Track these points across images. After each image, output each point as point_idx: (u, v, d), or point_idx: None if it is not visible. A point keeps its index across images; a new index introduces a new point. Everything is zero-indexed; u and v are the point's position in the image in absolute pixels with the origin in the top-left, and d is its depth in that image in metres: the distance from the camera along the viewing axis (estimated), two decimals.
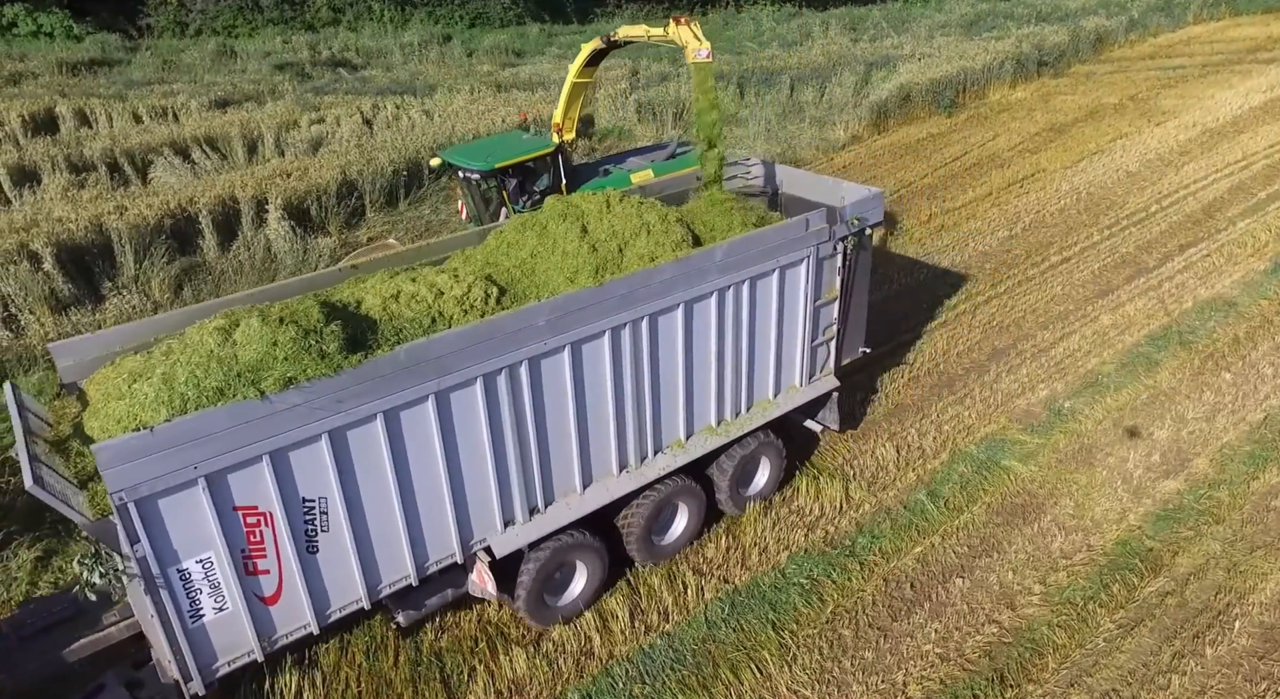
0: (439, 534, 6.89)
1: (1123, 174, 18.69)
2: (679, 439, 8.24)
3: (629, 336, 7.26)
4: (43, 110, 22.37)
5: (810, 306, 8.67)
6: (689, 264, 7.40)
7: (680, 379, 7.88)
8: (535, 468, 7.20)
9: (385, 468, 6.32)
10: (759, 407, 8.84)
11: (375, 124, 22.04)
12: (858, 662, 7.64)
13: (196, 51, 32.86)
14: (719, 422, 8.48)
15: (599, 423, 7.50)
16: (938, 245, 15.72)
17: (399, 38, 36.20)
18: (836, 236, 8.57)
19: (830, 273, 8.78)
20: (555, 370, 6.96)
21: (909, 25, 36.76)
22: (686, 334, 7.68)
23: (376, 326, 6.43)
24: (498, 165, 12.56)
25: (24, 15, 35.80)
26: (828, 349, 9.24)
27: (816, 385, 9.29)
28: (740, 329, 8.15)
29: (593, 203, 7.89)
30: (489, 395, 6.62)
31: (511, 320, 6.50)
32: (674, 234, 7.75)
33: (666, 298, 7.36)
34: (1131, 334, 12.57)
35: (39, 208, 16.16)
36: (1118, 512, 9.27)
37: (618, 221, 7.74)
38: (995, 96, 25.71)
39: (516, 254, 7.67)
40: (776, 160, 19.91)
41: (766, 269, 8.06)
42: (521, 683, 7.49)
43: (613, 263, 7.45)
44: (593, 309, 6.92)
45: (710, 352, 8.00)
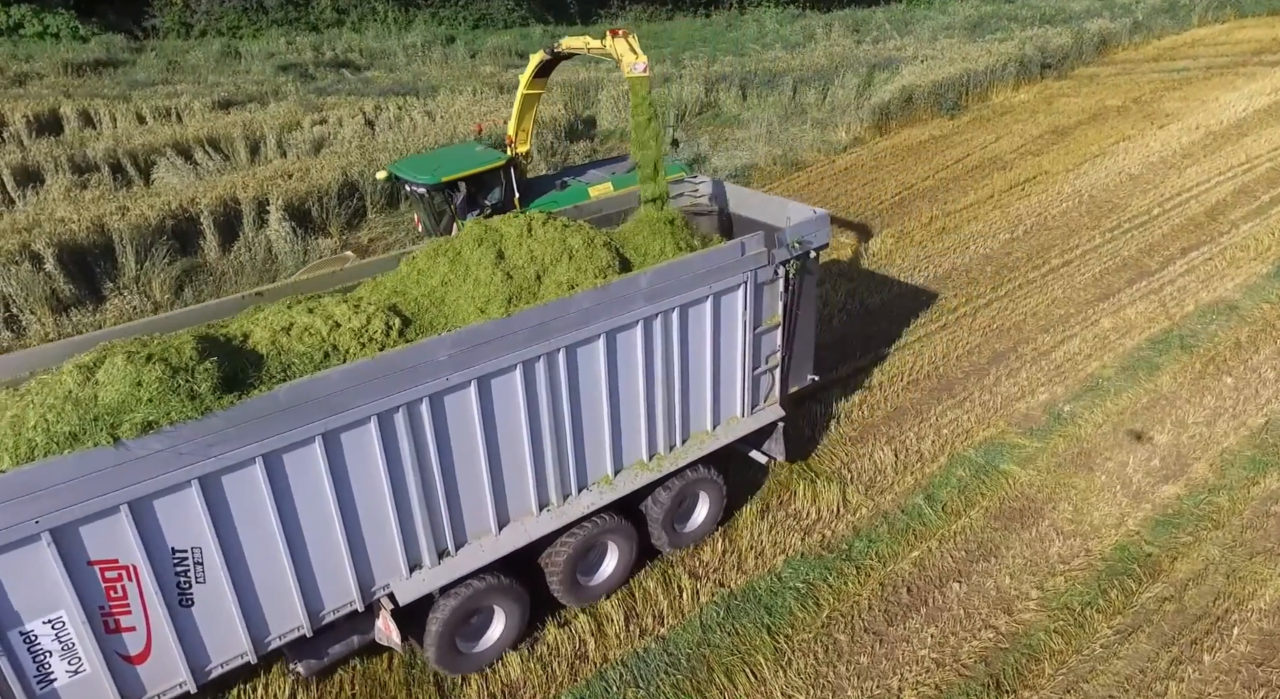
0: (335, 581, 6.44)
1: (1125, 177, 18.62)
2: (606, 475, 7.78)
3: (544, 370, 6.85)
4: (47, 111, 22.46)
5: (750, 334, 8.22)
6: (609, 293, 6.98)
7: (605, 412, 7.44)
8: (443, 509, 6.77)
9: (269, 514, 5.90)
10: (696, 439, 8.36)
11: (377, 125, 22.07)
12: (853, 666, 7.61)
13: (201, 52, 32.96)
14: (651, 456, 8.02)
15: (514, 460, 7.06)
16: (938, 247, 15.68)
17: (402, 39, 36.27)
18: (776, 261, 8.11)
19: (771, 298, 8.34)
20: (461, 407, 6.53)
21: (912, 27, 36.72)
22: (610, 366, 7.26)
23: (262, 363, 6.07)
24: (445, 179, 12.22)
25: (31, 16, 35.96)
26: (772, 378, 8.78)
27: (760, 416, 8.80)
28: (671, 359, 7.70)
29: (513, 226, 7.50)
30: (385, 435, 6.20)
31: (406, 356, 6.10)
32: (599, 259, 7.38)
33: (586, 328, 6.93)
34: (1132, 338, 12.52)
35: (41, 208, 16.22)
36: (1116, 517, 9.22)
37: (538, 247, 7.36)
38: (998, 99, 25.66)
39: (426, 282, 7.27)
40: (779, 161, 19.96)
41: (699, 296, 7.61)
42: (515, 687, 7.48)
43: (528, 292, 7.08)
44: (500, 342, 6.51)
45: (638, 383, 7.56)
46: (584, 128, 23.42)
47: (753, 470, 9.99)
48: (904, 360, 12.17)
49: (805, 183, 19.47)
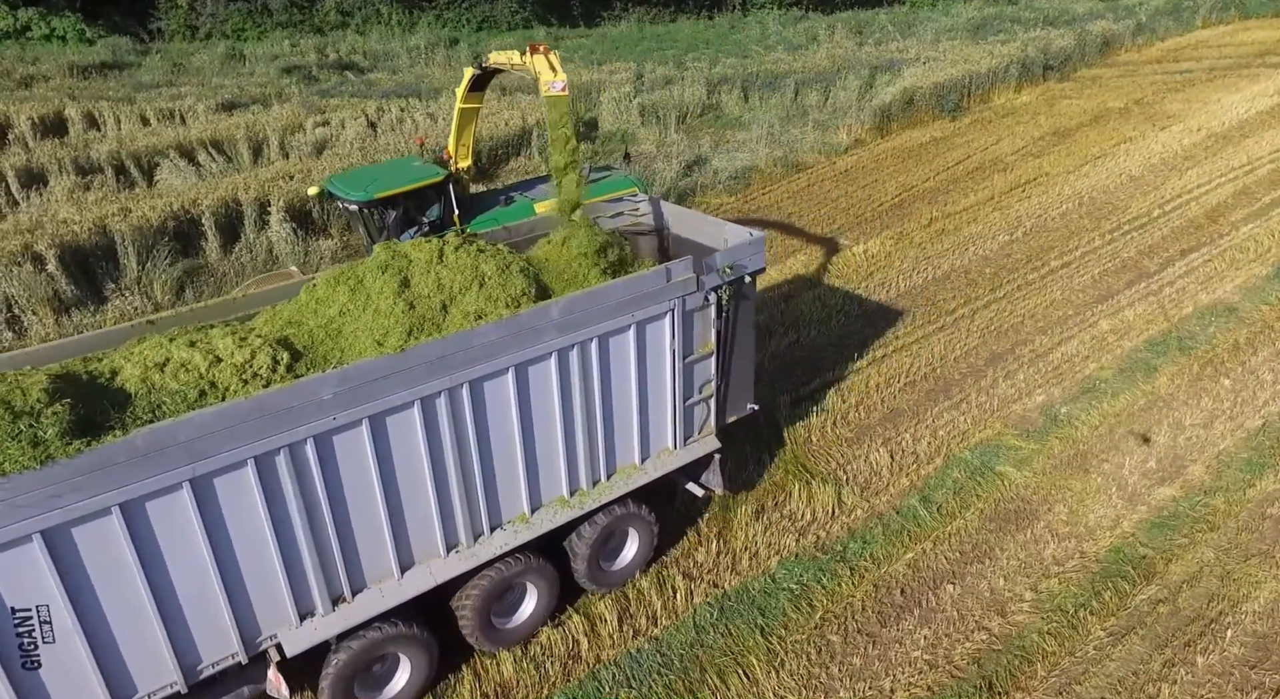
0: (213, 633, 5.99)
1: (1126, 178, 18.60)
2: (522, 513, 7.38)
3: (446, 406, 6.45)
4: (52, 113, 22.57)
5: (679, 364, 7.81)
6: (516, 324, 6.59)
7: (518, 449, 7.06)
8: (336, 553, 6.36)
9: (130, 566, 5.44)
10: (622, 474, 7.94)
11: (379, 127, 22.15)
12: (845, 668, 7.62)
13: (206, 54, 33.12)
14: (572, 492, 7.62)
15: (416, 500, 6.67)
16: (938, 249, 15.68)
17: (406, 41, 36.39)
18: (706, 287, 7.72)
19: (703, 326, 7.93)
20: (352, 447, 6.13)
21: (915, 29, 36.71)
22: (522, 400, 6.90)
23: (129, 403, 5.69)
24: (378, 196, 11.81)
25: (37, 19, 36.19)
26: (707, 407, 8.38)
27: (694, 448, 8.38)
28: (591, 392, 7.31)
29: (424, 252, 7.12)
30: (265, 478, 5.79)
31: (284, 396, 5.68)
32: (512, 287, 7.01)
33: (491, 362, 6.54)
34: (1131, 339, 12.51)
35: (45, 209, 16.32)
36: (1112, 518, 9.22)
37: (447, 274, 6.97)
38: (1000, 100, 25.64)
39: (324, 312, 6.85)
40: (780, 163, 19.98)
41: (619, 325, 7.21)
42: (508, 686, 7.51)
43: (431, 323, 6.70)
44: (394, 378, 6.10)
45: (554, 417, 7.18)
46: (585, 130, 23.46)
47: (747, 470, 10.02)
48: (901, 362, 12.17)
49: (806, 184, 19.49)
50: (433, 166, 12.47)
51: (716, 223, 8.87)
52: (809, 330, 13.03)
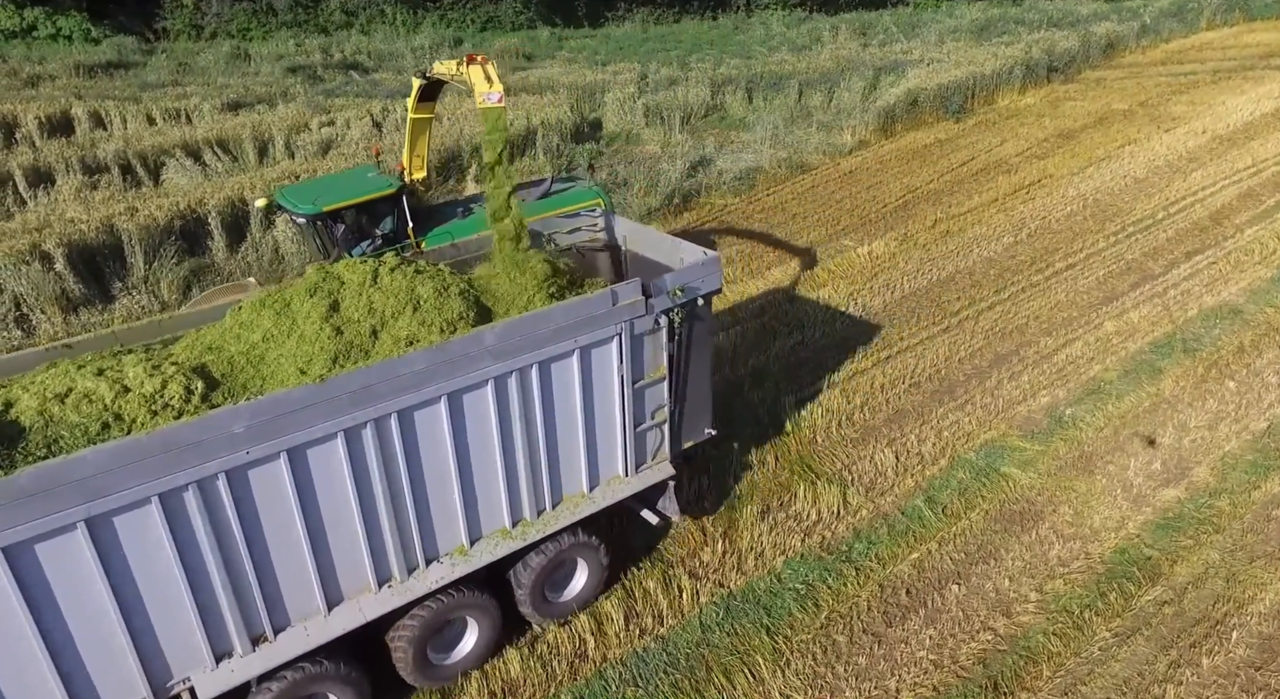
0: (116, 677, 5.66)
1: (1130, 180, 18.61)
2: (460, 545, 7.09)
3: (372, 438, 6.16)
4: (59, 112, 22.65)
5: (629, 389, 7.51)
6: (447, 352, 6.29)
7: (454, 480, 6.77)
8: (255, 591, 6.04)
9: (17, 612, 5.17)
10: (569, 503, 7.66)
11: (384, 126, 22.19)
12: (851, 667, 7.65)
13: (211, 54, 33.18)
14: (515, 523, 7.33)
15: (343, 534, 6.37)
16: (942, 250, 15.70)
17: (410, 41, 36.44)
18: (656, 310, 7.42)
19: (654, 349, 7.62)
20: (270, 481, 5.84)
21: (919, 30, 36.71)
22: (457, 430, 6.61)
23: (23, 437, 5.38)
24: (326, 208, 11.44)
25: (43, 18, 36.28)
26: (660, 433, 8.09)
27: (646, 475, 8.08)
28: (532, 420, 7.04)
29: (358, 273, 6.85)
30: (172, 516, 5.49)
31: (191, 430, 5.37)
32: (449, 311, 6.71)
33: (421, 391, 6.23)
34: (1135, 341, 12.52)
35: (52, 208, 16.39)
36: (1117, 520, 9.24)
37: (380, 297, 6.68)
38: (1004, 102, 25.65)
39: (247, 337, 6.54)
40: (784, 164, 20.00)
41: (561, 351, 6.93)
42: (515, 684, 7.54)
43: (360, 349, 6.42)
44: (315, 409, 5.80)
45: (493, 447, 6.90)
46: (589, 130, 23.51)
47: (750, 470, 10.06)
48: (906, 363, 12.20)
49: (810, 185, 19.52)
50: (385, 178, 12.14)
51: (673, 242, 8.55)
52: (813, 331, 13.06)
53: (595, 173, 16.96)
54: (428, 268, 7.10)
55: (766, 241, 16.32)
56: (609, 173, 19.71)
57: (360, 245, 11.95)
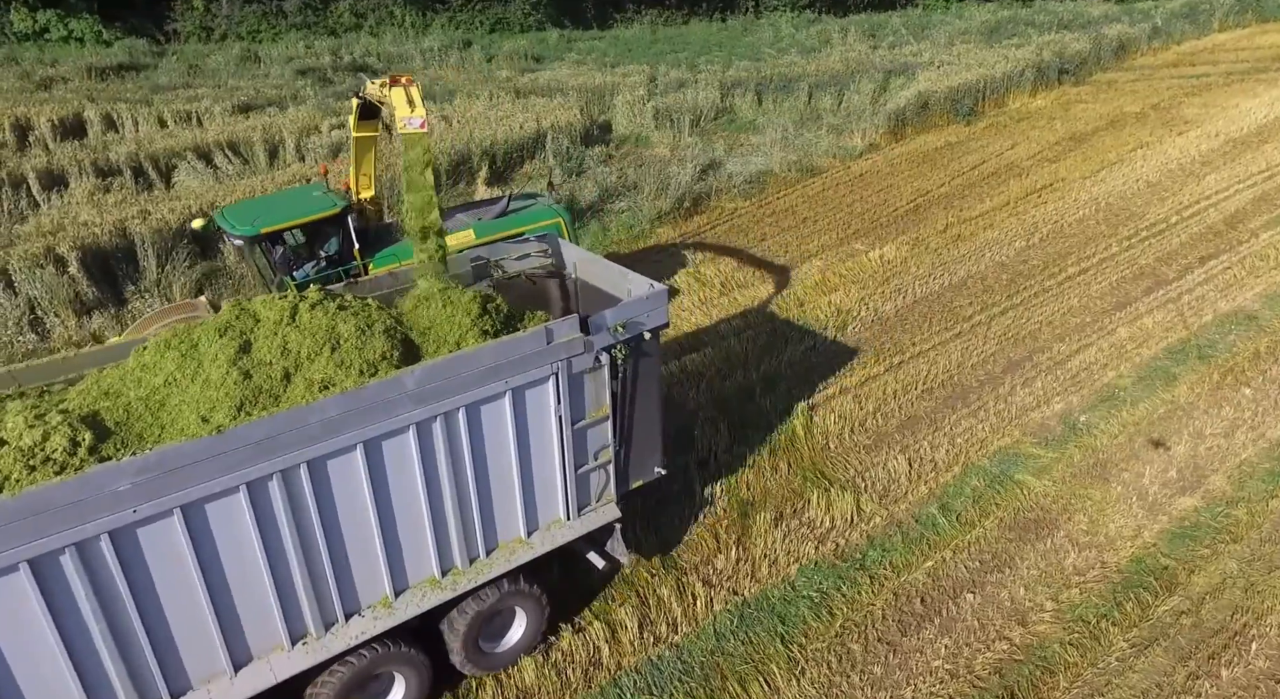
0: None
1: (1143, 184, 18.51)
2: (384, 597, 6.72)
3: (279, 490, 5.79)
4: (71, 115, 22.75)
5: (568, 430, 7.16)
6: (363, 398, 5.91)
7: (375, 530, 6.41)
8: (148, 655, 5.63)
9: None
10: (505, 549, 7.27)
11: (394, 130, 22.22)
12: (866, 677, 7.62)
13: (221, 56, 33.30)
14: (445, 572, 6.94)
15: (249, 591, 5.98)
16: (954, 255, 15.64)
17: (419, 43, 36.50)
18: (596, 347, 7.05)
19: (595, 388, 7.25)
20: (162, 539, 5.44)
21: (929, 32, 36.61)
22: (376, 478, 6.26)
23: None
24: (265, 230, 10.87)
25: (56, 21, 36.47)
26: (605, 474, 7.72)
27: (589, 518, 7.70)
28: (461, 465, 6.67)
29: (274, 310, 6.44)
30: (45, 581, 5.11)
31: (65, 490, 4.96)
32: (371, 351, 6.31)
33: (335, 439, 5.87)
34: (1149, 347, 12.45)
35: (65, 212, 16.47)
36: (1133, 528, 9.19)
37: (297, 336, 6.27)
38: (1015, 105, 25.55)
39: (149, 381, 6.08)
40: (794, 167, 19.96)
41: (492, 393, 6.55)
42: (530, 692, 7.54)
43: (269, 394, 6.02)
44: (211, 463, 5.41)
45: (418, 494, 6.53)
46: (599, 133, 23.51)
47: (763, 477, 10.03)
48: (918, 369, 12.15)
49: (820, 189, 19.47)
50: (330, 197, 11.55)
51: (620, 271, 8.07)
52: (825, 337, 13.03)
53: (555, 190, 16.44)
54: (353, 303, 6.71)
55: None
56: (619, 176, 19.70)
57: (304, 268, 11.38)
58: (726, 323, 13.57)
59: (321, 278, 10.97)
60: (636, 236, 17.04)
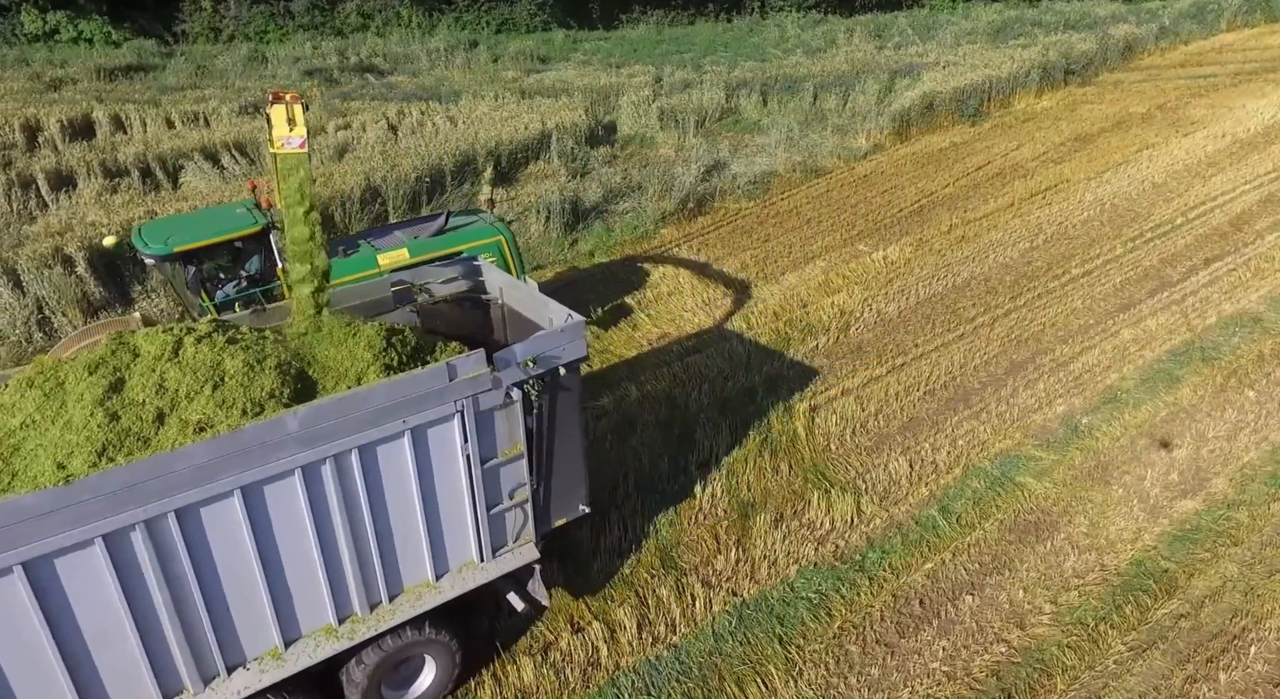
0: None
1: (1148, 185, 18.46)
2: (273, 648, 6.29)
3: (144, 541, 5.37)
4: (80, 116, 22.89)
5: (477, 469, 6.77)
6: (239, 441, 5.50)
7: (259, 578, 6.00)
8: None
9: None
10: (411, 594, 6.87)
11: (400, 130, 22.32)
12: (864, 678, 7.64)
13: (229, 57, 33.45)
14: (342, 619, 6.56)
15: (114, 648, 5.56)
16: (958, 256, 15.63)
17: (426, 43, 36.60)
18: (505, 383, 6.67)
19: (508, 425, 6.87)
20: (3, 598, 5.09)
21: (935, 33, 36.53)
22: (258, 525, 5.86)
23: None
24: (178, 249, 10.29)
25: (66, 22, 36.71)
26: (523, 513, 7.34)
27: (505, 560, 7.31)
28: (357, 509, 6.28)
29: (156, 344, 6.05)
30: None
31: None
32: (258, 388, 5.91)
33: (209, 485, 5.47)
34: (1153, 349, 12.43)
35: (73, 212, 16.60)
36: (1133, 531, 9.18)
37: (176, 373, 5.87)
38: (1021, 105, 25.49)
39: (6, 423, 5.72)
40: (799, 168, 19.96)
41: (388, 433, 6.15)
42: (528, 692, 7.58)
43: (137, 438, 5.61)
44: (61, 515, 5.01)
45: (308, 541, 6.14)
46: (604, 133, 23.55)
47: (764, 478, 10.05)
48: (921, 370, 12.16)
49: (825, 189, 19.47)
50: (252, 215, 11.01)
51: (543, 300, 7.71)
52: (827, 338, 13.04)
53: (495, 206, 16.08)
54: (246, 336, 6.33)
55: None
56: (624, 176, 19.74)
57: (225, 288, 10.93)
58: (729, 324, 13.59)
59: (243, 298, 10.51)
60: (640, 237, 17.08)
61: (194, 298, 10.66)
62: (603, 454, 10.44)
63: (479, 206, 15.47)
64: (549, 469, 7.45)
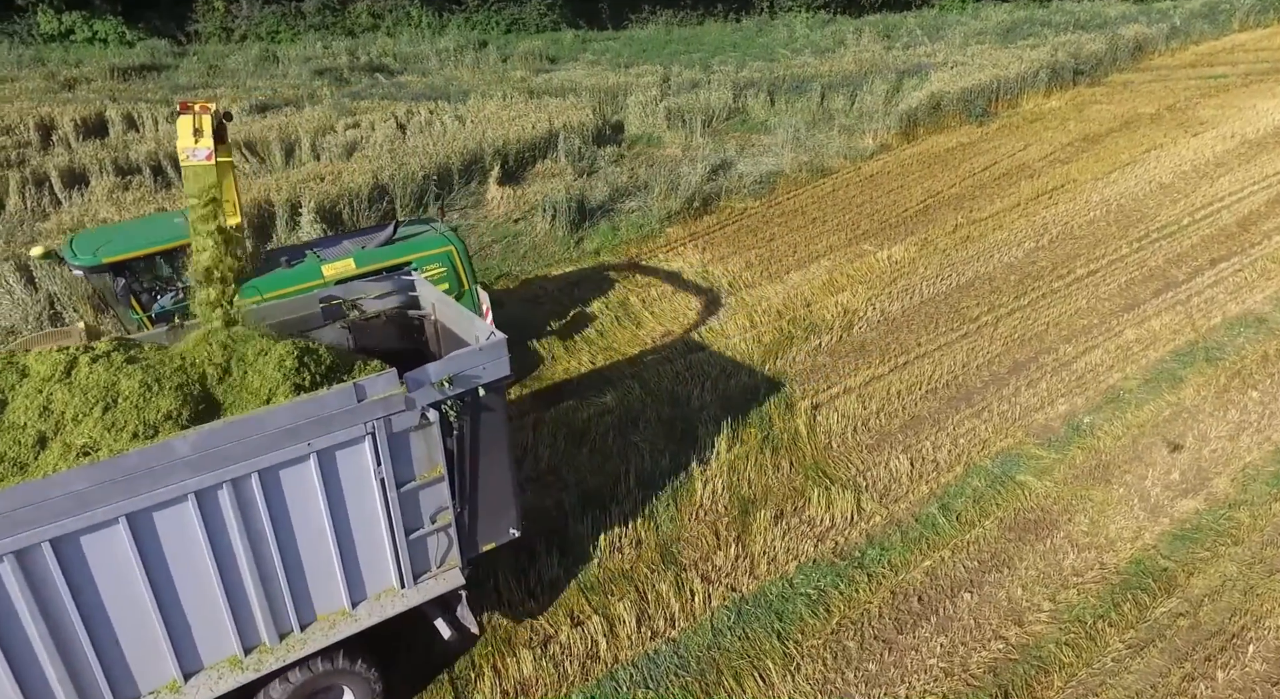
0: None
1: (1155, 186, 18.40)
2: (171, 681, 6.02)
3: (14, 572, 5.15)
4: (94, 114, 23.15)
5: (393, 493, 6.48)
6: (120, 467, 5.22)
7: (152, 608, 5.73)
8: None
9: None
10: (325, 622, 6.55)
11: (409, 129, 22.46)
12: (861, 674, 7.69)
13: (240, 56, 33.72)
14: (248, 650, 6.27)
15: None
16: (963, 256, 15.63)
17: (435, 43, 36.78)
18: (420, 404, 6.36)
19: (426, 447, 6.57)
20: None
21: (943, 33, 36.45)
22: (148, 553, 5.60)
23: None
24: (107, 260, 9.87)
25: (81, 22, 37.11)
26: (447, 538, 7.04)
27: (427, 586, 7.00)
28: (260, 535, 6.00)
29: (48, 364, 5.83)
30: None
31: None
32: (154, 410, 5.70)
33: (88, 513, 5.21)
34: (1156, 349, 12.42)
35: (86, 209, 16.79)
36: (1133, 530, 9.19)
37: (65, 395, 5.64)
38: (1029, 105, 25.42)
39: None
40: (805, 168, 19.99)
41: (291, 456, 5.87)
42: (528, 684, 7.66)
43: (13, 463, 5.44)
44: None
45: (206, 568, 5.86)
46: (612, 133, 23.63)
47: (765, 475, 10.10)
48: (923, 369, 12.18)
49: (830, 189, 19.50)
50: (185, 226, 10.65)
51: (469, 317, 7.47)
52: (831, 336, 13.08)
53: (446, 215, 15.59)
54: (148, 354, 6.11)
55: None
56: (630, 175, 19.82)
57: (160, 301, 10.52)
58: (733, 322, 13.65)
59: (179, 309, 10.06)
60: (646, 236, 17.15)
61: (125, 310, 10.29)
62: (605, 450, 10.52)
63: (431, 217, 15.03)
64: (474, 492, 7.12)
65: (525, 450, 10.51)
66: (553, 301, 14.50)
